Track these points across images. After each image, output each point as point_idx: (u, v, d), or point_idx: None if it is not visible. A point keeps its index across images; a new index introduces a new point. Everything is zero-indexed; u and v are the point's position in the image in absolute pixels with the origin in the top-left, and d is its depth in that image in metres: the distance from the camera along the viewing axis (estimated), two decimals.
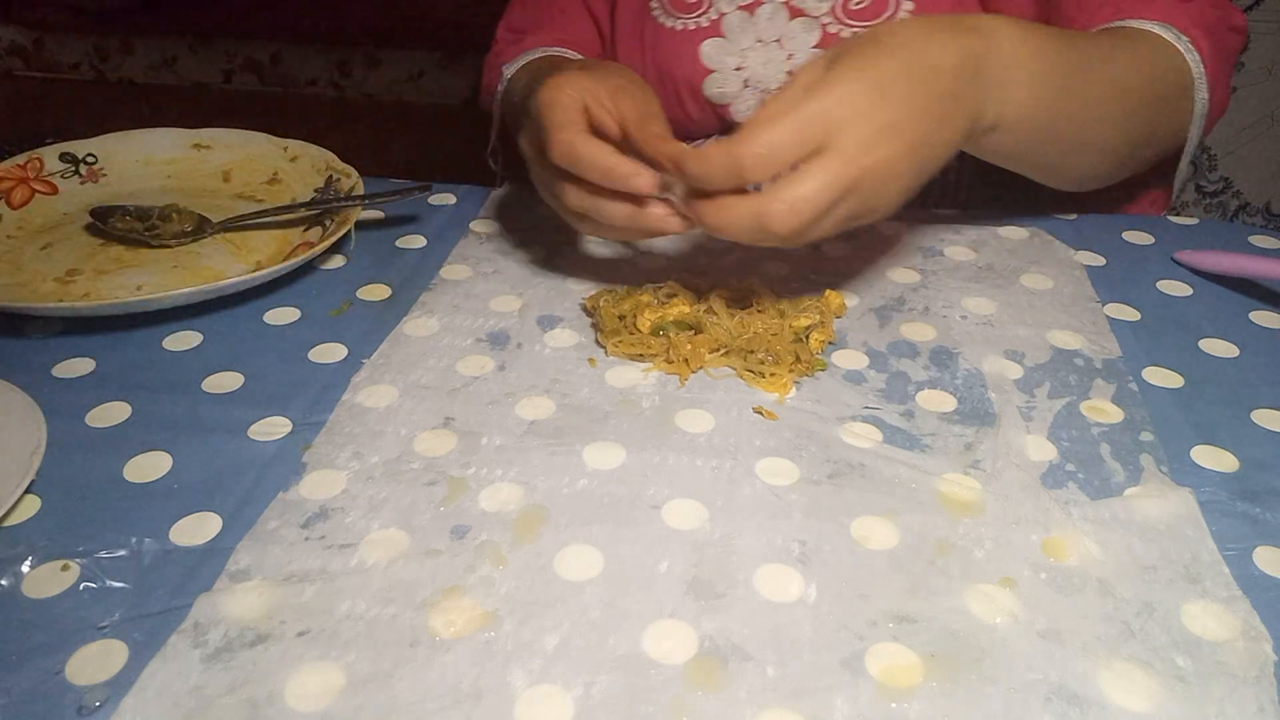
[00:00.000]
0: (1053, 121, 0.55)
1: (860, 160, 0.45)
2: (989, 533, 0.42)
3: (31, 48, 2.61)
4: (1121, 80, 0.59)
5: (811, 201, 0.45)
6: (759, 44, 0.72)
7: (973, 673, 0.36)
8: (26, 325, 0.56)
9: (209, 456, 0.46)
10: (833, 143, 0.45)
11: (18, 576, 0.40)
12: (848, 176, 0.45)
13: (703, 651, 0.36)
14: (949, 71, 0.48)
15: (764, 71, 0.72)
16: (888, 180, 0.46)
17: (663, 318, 0.54)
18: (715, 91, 0.74)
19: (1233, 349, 0.55)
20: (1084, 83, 0.56)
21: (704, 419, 0.49)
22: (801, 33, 0.71)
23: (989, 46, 0.50)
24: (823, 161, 0.45)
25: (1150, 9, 0.63)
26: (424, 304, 0.59)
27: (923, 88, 0.47)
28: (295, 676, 0.36)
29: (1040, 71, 0.53)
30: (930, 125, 0.47)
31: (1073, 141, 0.58)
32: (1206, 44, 0.62)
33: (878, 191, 0.47)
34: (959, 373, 0.53)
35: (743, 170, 0.45)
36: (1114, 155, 0.62)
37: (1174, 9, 0.63)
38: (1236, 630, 0.37)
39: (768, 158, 0.45)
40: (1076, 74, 0.55)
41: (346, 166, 0.69)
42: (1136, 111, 0.60)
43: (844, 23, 0.70)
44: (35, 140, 0.76)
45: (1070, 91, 0.55)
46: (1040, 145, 0.57)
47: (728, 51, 0.73)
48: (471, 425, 0.48)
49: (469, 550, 0.41)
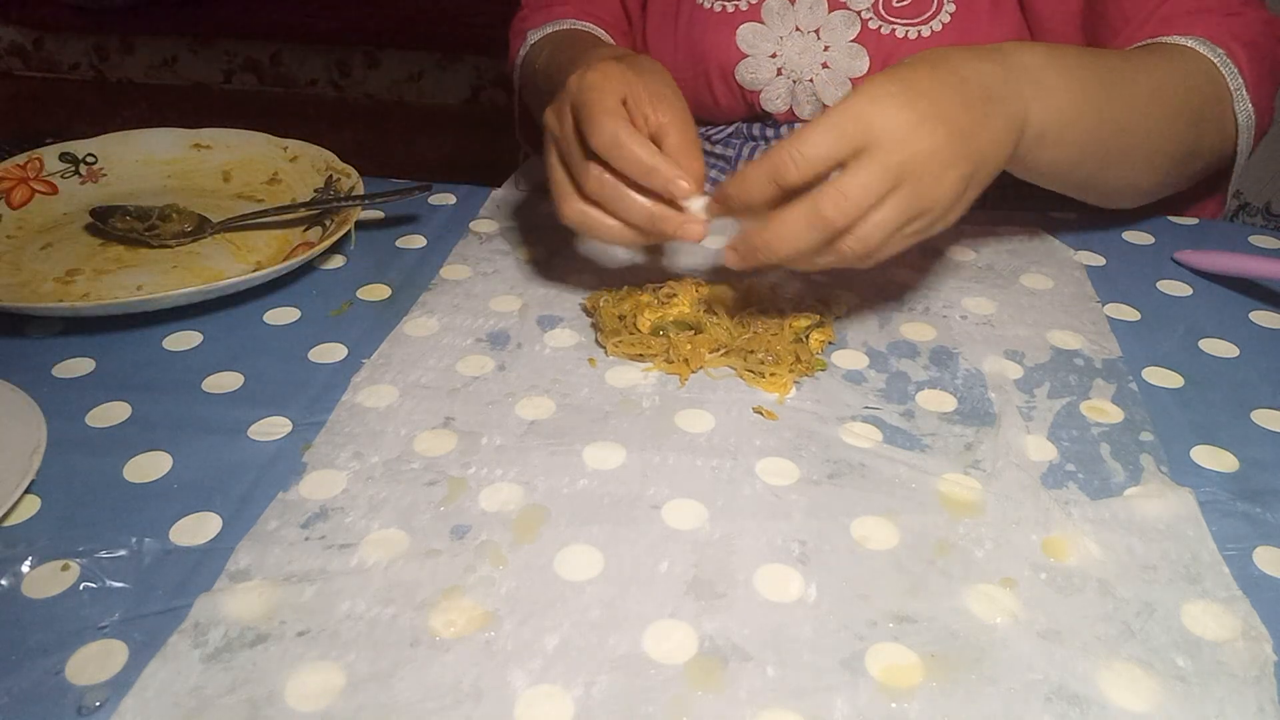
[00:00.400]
0: (1098, 127, 0.55)
1: (903, 148, 0.44)
2: (989, 533, 0.42)
3: (31, 48, 2.62)
4: (1159, 89, 0.59)
5: (862, 188, 0.44)
6: (797, 32, 0.72)
7: (973, 673, 0.36)
8: (26, 325, 0.56)
9: (209, 456, 0.46)
10: (872, 139, 0.44)
11: (18, 576, 0.40)
12: (893, 164, 0.44)
13: (703, 651, 0.36)
14: (977, 79, 0.48)
15: (799, 61, 0.72)
16: (938, 171, 0.45)
17: (663, 318, 0.54)
18: (748, 77, 0.74)
19: (1233, 349, 0.55)
20: (1121, 88, 0.56)
21: (704, 419, 0.49)
22: (841, 25, 0.71)
23: (1014, 60, 0.51)
24: (866, 155, 0.44)
25: (1191, 25, 0.63)
26: (424, 304, 0.59)
27: (955, 90, 0.47)
28: (295, 676, 0.36)
29: (1074, 76, 0.53)
30: (971, 119, 0.47)
31: (1118, 151, 0.58)
32: (1245, 57, 0.62)
33: (931, 185, 0.45)
34: (959, 373, 0.53)
35: (781, 171, 0.45)
36: (1159, 167, 0.62)
37: (1217, 24, 0.62)
38: (1236, 630, 0.37)
39: (805, 156, 0.44)
40: (1112, 80, 0.56)
41: (346, 166, 0.69)
42: (1176, 121, 0.60)
43: (884, 19, 0.70)
44: (35, 140, 0.76)
45: (1109, 96, 0.55)
46: (1087, 155, 0.56)
47: (765, 38, 0.73)
48: (471, 425, 0.48)
49: (469, 550, 0.41)
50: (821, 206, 0.44)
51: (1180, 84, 0.60)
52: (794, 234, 0.46)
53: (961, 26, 0.69)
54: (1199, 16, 0.63)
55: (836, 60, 0.72)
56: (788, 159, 0.45)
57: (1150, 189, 0.64)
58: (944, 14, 0.68)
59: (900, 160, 0.44)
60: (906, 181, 0.45)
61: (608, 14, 0.81)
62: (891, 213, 0.45)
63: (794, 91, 0.74)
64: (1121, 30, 0.65)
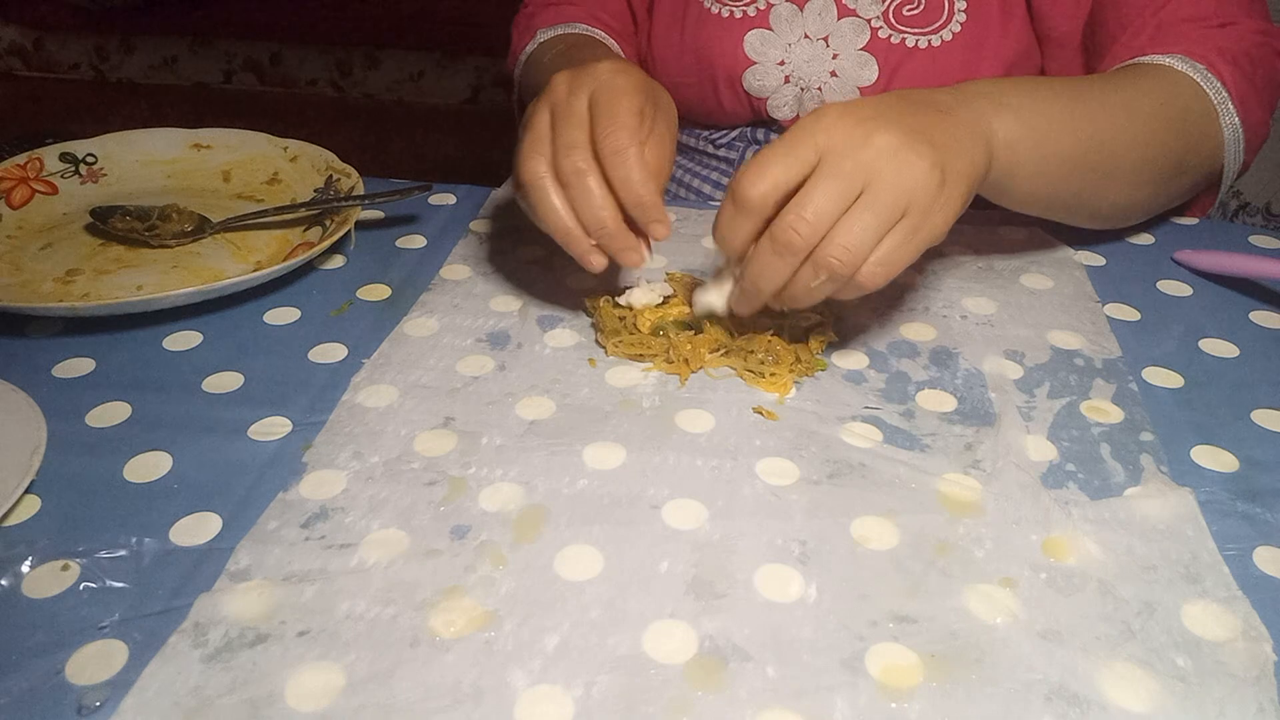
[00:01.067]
0: (1073, 143, 0.55)
1: (854, 150, 0.44)
2: (989, 533, 0.42)
3: (31, 48, 2.61)
4: (1133, 103, 0.58)
5: (820, 199, 0.44)
6: (805, 40, 0.72)
7: (973, 673, 0.36)
8: (26, 325, 0.56)
9: (209, 456, 0.46)
10: (821, 150, 0.44)
11: (18, 576, 0.40)
12: (846, 169, 0.44)
13: (703, 651, 0.36)
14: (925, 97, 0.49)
15: (806, 69, 0.72)
16: (899, 166, 0.44)
17: (663, 318, 0.54)
18: (755, 84, 0.74)
19: (1233, 349, 0.55)
20: (1090, 104, 0.56)
21: (704, 419, 0.49)
22: (850, 33, 0.71)
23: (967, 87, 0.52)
24: (820, 167, 0.44)
25: (1178, 38, 0.62)
26: (424, 304, 0.59)
27: (901, 101, 0.47)
28: (295, 676, 0.36)
29: (1037, 95, 0.53)
30: (920, 120, 0.46)
31: (1101, 167, 0.57)
32: (1229, 70, 0.61)
33: (896, 180, 0.44)
34: (959, 373, 0.53)
35: (740, 196, 0.45)
36: (1146, 181, 0.61)
37: (1202, 37, 0.62)
38: (1236, 630, 0.37)
39: (759, 176, 0.44)
40: (1080, 96, 0.56)
41: (346, 166, 0.69)
42: (1158, 134, 0.59)
43: (895, 27, 0.70)
44: (35, 140, 0.76)
45: (1079, 111, 0.55)
46: (1070, 172, 0.56)
47: (773, 45, 0.73)
48: (471, 425, 0.48)
49: (469, 550, 0.41)
50: (784, 226, 0.44)
51: (1159, 99, 0.59)
52: (766, 263, 0.45)
53: (972, 36, 0.69)
54: (1192, 26, 0.63)
55: (845, 69, 0.71)
56: (745, 185, 0.45)
57: (1140, 205, 0.63)
58: (954, 24, 0.68)
59: (854, 163, 0.44)
60: (871, 183, 0.44)
61: (616, 19, 0.81)
62: (864, 216, 0.44)
63: (801, 99, 0.74)
64: (1118, 37, 0.65)
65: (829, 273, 0.45)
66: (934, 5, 0.69)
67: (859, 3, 0.71)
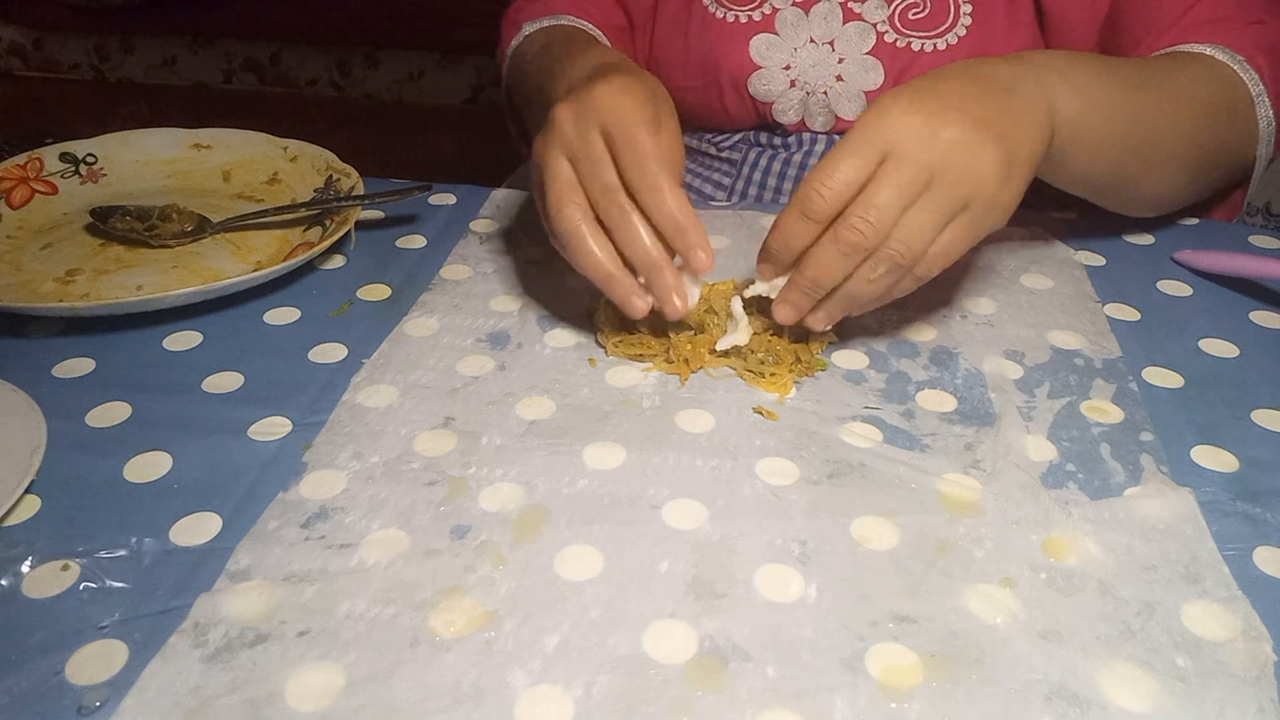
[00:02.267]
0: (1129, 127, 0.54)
1: (922, 147, 0.44)
2: (989, 533, 0.42)
3: (31, 48, 2.62)
4: (1183, 93, 0.58)
5: (888, 195, 0.43)
6: (811, 44, 0.72)
7: (973, 673, 0.36)
8: (26, 325, 0.56)
9: (209, 456, 0.46)
10: (889, 148, 0.44)
11: (18, 576, 0.40)
12: (915, 164, 0.44)
13: (703, 651, 0.36)
14: (991, 74, 0.48)
15: (812, 73, 0.72)
16: (968, 158, 0.44)
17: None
18: (761, 89, 0.73)
19: (1233, 349, 0.55)
20: (1148, 91, 0.56)
21: (704, 419, 0.49)
22: (855, 37, 0.71)
23: (1033, 59, 0.51)
24: (888, 164, 0.44)
25: (1213, 33, 0.62)
26: (424, 304, 0.59)
27: (966, 85, 0.46)
28: (295, 676, 0.36)
29: (1101, 75, 0.53)
30: (986, 108, 0.46)
31: (1151, 154, 0.57)
32: (1266, 63, 0.61)
33: (964, 172, 0.44)
34: (959, 373, 0.53)
35: (808, 202, 0.45)
36: (1184, 172, 0.61)
37: (1240, 32, 0.62)
38: (1236, 630, 0.37)
39: (829, 184, 0.44)
40: (1139, 81, 0.56)
41: (346, 166, 0.69)
42: (1200, 122, 0.59)
43: (900, 31, 0.70)
44: (35, 140, 0.76)
45: (1138, 97, 0.55)
46: (1125, 157, 0.56)
47: (778, 49, 0.72)
48: (471, 425, 0.48)
49: (469, 550, 0.41)
50: (849, 225, 0.44)
51: (1203, 90, 0.60)
52: (828, 259, 0.45)
53: (978, 39, 0.69)
54: (1221, 25, 0.63)
55: (850, 73, 0.71)
56: (813, 192, 0.44)
57: (1178, 194, 0.64)
58: (960, 26, 0.68)
59: (922, 160, 0.44)
60: (936, 177, 0.44)
61: (604, 12, 0.81)
62: (929, 209, 0.44)
63: (806, 103, 0.73)
64: (1142, 40, 0.65)
65: (889, 265, 0.45)
66: (939, 8, 0.69)
67: (864, 7, 0.71)
